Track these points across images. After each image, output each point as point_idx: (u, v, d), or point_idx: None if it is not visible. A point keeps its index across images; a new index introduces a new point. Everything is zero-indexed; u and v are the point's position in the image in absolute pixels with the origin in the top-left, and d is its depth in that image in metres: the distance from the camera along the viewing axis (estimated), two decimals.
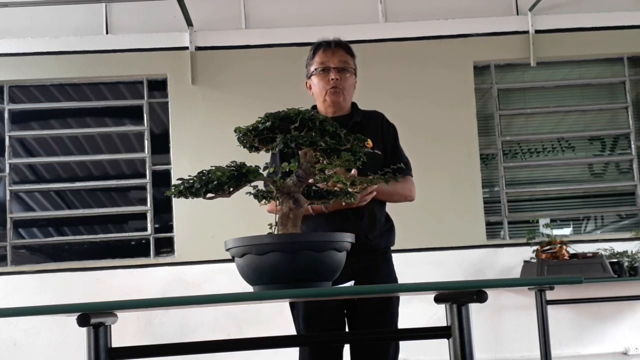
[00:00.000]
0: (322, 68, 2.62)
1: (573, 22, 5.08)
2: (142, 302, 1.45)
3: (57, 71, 4.99)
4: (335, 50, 2.63)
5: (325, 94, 2.62)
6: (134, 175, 5.06)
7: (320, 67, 2.62)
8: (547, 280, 2.29)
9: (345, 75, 2.62)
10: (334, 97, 2.61)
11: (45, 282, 4.73)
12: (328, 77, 2.61)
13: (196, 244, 4.78)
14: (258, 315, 4.60)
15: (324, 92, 2.62)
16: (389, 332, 2.31)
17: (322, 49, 2.64)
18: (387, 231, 2.68)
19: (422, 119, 4.87)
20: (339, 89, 2.60)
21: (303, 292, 1.59)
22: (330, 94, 2.61)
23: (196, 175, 1.64)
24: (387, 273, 2.63)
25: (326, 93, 2.61)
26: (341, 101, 2.63)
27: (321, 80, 2.62)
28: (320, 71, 2.62)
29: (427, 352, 4.47)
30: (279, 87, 4.89)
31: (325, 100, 2.63)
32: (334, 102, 2.62)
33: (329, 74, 2.61)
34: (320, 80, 2.63)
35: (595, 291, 4.69)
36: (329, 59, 2.62)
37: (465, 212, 4.89)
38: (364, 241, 2.53)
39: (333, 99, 2.62)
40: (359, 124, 2.64)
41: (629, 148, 5.19)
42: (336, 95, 2.61)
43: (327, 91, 2.61)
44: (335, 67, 2.61)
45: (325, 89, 2.61)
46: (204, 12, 5.01)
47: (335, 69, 2.60)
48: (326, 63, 2.61)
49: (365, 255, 2.55)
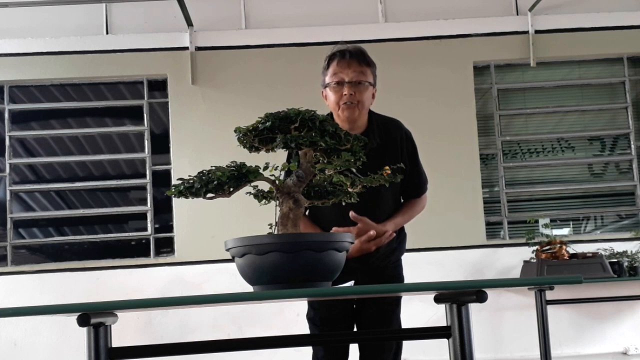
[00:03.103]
0: (336, 82, 2.50)
1: (573, 22, 5.08)
2: (142, 302, 1.45)
3: (57, 71, 4.99)
4: (350, 62, 2.50)
5: (339, 109, 2.52)
6: (134, 175, 5.07)
7: (333, 81, 2.51)
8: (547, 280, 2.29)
9: (360, 89, 2.49)
10: (348, 113, 2.50)
11: (45, 282, 4.73)
12: (342, 91, 2.49)
13: (196, 244, 4.78)
14: (258, 315, 4.61)
15: (337, 107, 2.52)
16: (388, 331, 2.31)
17: (337, 60, 2.52)
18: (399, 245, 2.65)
19: (422, 119, 4.86)
20: (353, 104, 2.49)
21: (303, 292, 1.59)
22: (344, 110, 2.50)
23: (196, 175, 1.64)
24: (393, 274, 2.63)
25: (339, 108, 2.51)
26: (356, 116, 2.52)
27: (335, 94, 2.51)
28: (334, 84, 2.51)
29: (427, 352, 4.47)
30: (279, 87, 4.89)
31: (339, 116, 2.54)
32: (348, 118, 2.52)
33: (342, 88, 2.49)
34: (334, 93, 2.52)
35: (595, 291, 4.69)
36: (343, 71, 2.50)
37: (465, 212, 4.89)
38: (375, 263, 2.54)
39: (347, 114, 2.50)
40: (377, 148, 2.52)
41: (629, 148, 5.19)
42: (350, 111, 2.50)
43: (340, 106, 2.51)
44: (349, 80, 2.49)
45: (338, 104, 2.51)
46: (204, 12, 5.01)
47: (349, 83, 2.49)
48: (340, 75, 2.50)
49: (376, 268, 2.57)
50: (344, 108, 2.50)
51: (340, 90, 2.50)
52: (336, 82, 2.50)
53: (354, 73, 2.49)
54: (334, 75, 2.51)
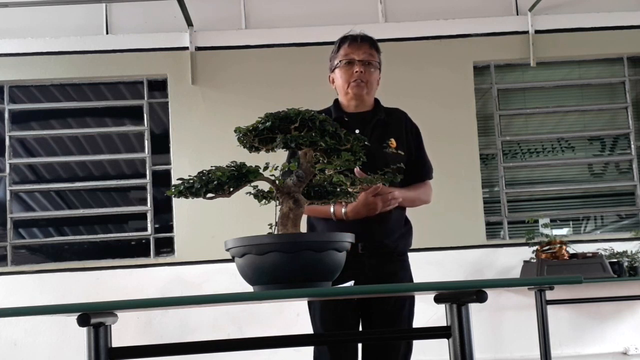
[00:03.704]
0: (347, 61, 2.58)
1: (573, 22, 5.08)
2: (142, 302, 1.46)
3: (57, 71, 4.99)
4: (361, 45, 2.59)
5: (348, 86, 2.59)
6: (134, 175, 5.06)
7: (345, 60, 2.59)
8: (546, 280, 2.29)
9: (369, 69, 2.59)
10: (357, 90, 2.58)
11: (45, 282, 4.73)
12: (352, 70, 2.57)
13: (196, 244, 4.78)
14: (258, 315, 4.60)
15: (346, 85, 2.59)
16: (388, 331, 2.31)
17: (348, 42, 2.60)
18: (405, 234, 2.65)
19: (421, 119, 4.79)
20: (363, 82, 2.57)
21: (303, 292, 1.59)
22: (353, 87, 2.58)
23: (196, 175, 1.64)
24: (402, 276, 2.60)
25: (349, 85, 2.59)
26: (364, 94, 2.60)
27: (345, 73, 2.59)
28: (345, 64, 2.58)
29: (427, 352, 4.46)
30: (278, 87, 4.89)
31: (348, 93, 2.60)
32: (356, 95, 2.59)
33: (353, 66, 2.57)
34: (344, 73, 2.59)
35: (595, 291, 4.68)
36: (354, 52, 2.58)
37: (465, 212, 4.89)
38: (380, 244, 2.52)
39: (356, 91, 2.59)
40: (383, 122, 2.62)
41: (629, 148, 5.19)
42: (359, 88, 2.58)
43: (349, 83, 2.58)
44: (360, 60, 2.57)
45: (348, 82, 2.58)
46: (204, 12, 5.01)
47: (360, 62, 2.57)
48: (351, 56, 2.58)
49: (382, 258, 2.54)
50: (354, 85, 2.58)
51: (351, 69, 2.58)
52: (347, 61, 2.58)
53: (364, 54, 2.58)
54: (345, 55, 2.59)
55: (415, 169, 2.64)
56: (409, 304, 2.58)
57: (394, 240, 2.57)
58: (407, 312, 2.57)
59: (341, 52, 2.61)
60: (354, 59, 2.57)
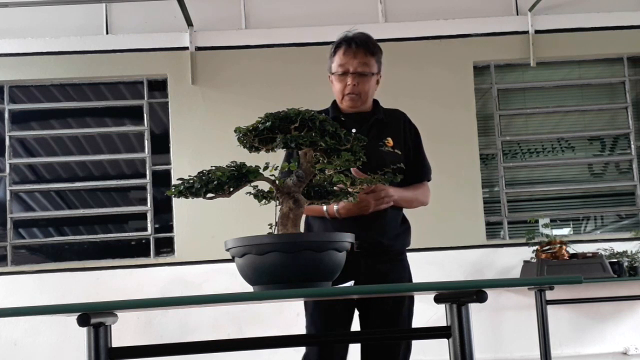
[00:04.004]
0: (341, 72, 2.58)
1: (573, 22, 5.08)
2: (142, 302, 1.46)
3: (57, 71, 4.99)
4: (356, 52, 2.56)
5: (343, 97, 2.61)
6: (134, 175, 5.06)
7: (339, 71, 2.58)
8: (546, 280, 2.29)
9: (363, 80, 2.57)
10: (351, 103, 2.61)
11: (45, 282, 4.73)
12: (346, 81, 2.57)
13: (196, 244, 4.78)
14: (258, 315, 4.60)
15: (341, 95, 2.61)
16: (387, 331, 2.31)
17: (343, 49, 2.58)
18: (403, 233, 2.64)
19: (421, 119, 4.79)
20: (356, 95, 2.58)
21: (303, 292, 1.59)
22: (347, 100, 2.60)
23: (196, 175, 1.64)
24: (400, 275, 2.59)
25: (343, 97, 2.61)
26: (358, 106, 2.62)
27: (339, 83, 2.59)
28: (339, 74, 2.59)
29: (427, 352, 4.46)
30: (278, 87, 4.89)
31: (342, 103, 2.63)
32: (350, 107, 2.62)
33: (347, 77, 2.57)
34: (338, 82, 2.60)
35: (595, 291, 4.69)
36: (348, 62, 2.56)
37: (465, 212, 4.89)
38: (376, 243, 2.51)
39: (350, 104, 2.61)
40: (381, 122, 2.62)
41: (629, 148, 5.19)
42: (352, 102, 2.60)
43: (343, 96, 2.60)
44: (353, 71, 2.56)
45: (342, 93, 2.60)
46: (204, 12, 5.01)
47: (353, 74, 2.56)
48: (345, 66, 2.56)
49: (378, 257, 2.53)
50: (347, 99, 2.59)
51: (345, 80, 2.58)
52: (341, 72, 2.58)
53: (358, 64, 2.56)
54: (339, 65, 2.58)
55: (414, 170, 2.63)
56: (408, 303, 2.57)
57: (391, 238, 2.57)
58: (406, 311, 2.56)
59: (336, 59, 2.60)
60: (348, 70, 2.56)
